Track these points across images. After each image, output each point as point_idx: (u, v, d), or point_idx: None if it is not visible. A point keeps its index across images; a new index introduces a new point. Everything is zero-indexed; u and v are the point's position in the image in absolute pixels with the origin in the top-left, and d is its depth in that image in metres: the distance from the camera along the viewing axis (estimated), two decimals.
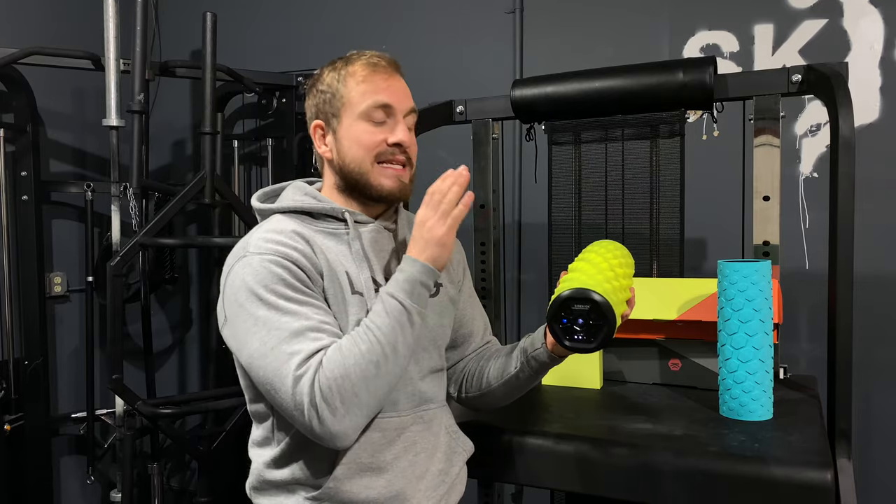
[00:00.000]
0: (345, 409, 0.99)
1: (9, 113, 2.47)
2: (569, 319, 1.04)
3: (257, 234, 1.10)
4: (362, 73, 1.15)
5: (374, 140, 1.13)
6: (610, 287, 1.06)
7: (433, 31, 2.53)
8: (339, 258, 1.12)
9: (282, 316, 1.02)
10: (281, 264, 1.05)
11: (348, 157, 1.15)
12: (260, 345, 1.01)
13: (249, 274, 1.05)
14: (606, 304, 1.02)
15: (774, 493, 1.10)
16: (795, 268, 2.04)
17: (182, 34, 2.88)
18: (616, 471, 1.22)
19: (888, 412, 2.01)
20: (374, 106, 1.13)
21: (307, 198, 1.17)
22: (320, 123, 1.18)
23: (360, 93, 1.14)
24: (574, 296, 1.03)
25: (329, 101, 1.16)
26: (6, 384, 2.41)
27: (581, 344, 1.06)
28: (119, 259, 2.15)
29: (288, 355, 0.99)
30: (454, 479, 1.20)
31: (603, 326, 1.03)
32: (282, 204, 1.18)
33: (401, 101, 1.16)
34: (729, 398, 1.34)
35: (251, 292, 1.03)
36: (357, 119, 1.14)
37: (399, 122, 1.15)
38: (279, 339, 1.00)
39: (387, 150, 1.14)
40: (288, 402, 0.99)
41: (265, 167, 2.80)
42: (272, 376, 1.00)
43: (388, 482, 1.09)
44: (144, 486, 2.73)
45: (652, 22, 2.22)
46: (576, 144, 1.78)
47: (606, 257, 1.17)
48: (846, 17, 2.01)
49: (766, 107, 1.58)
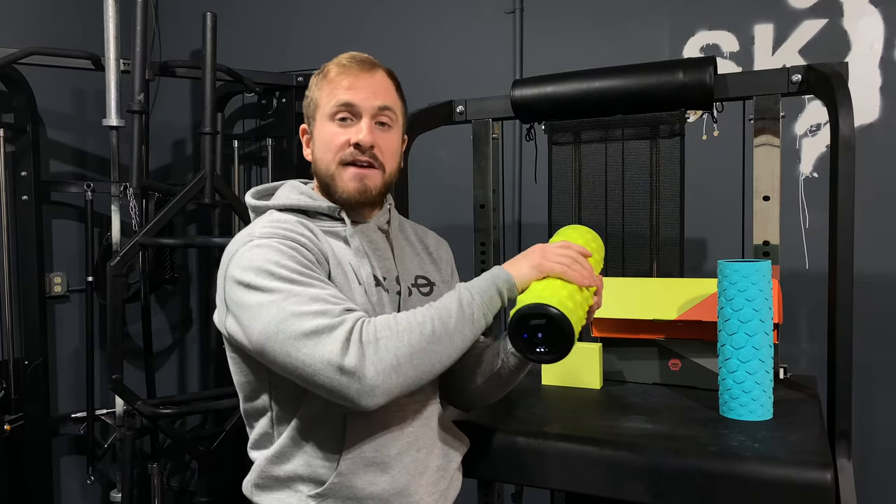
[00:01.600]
0: (381, 365, 0.95)
1: (9, 113, 2.47)
2: (529, 334, 1.04)
3: (262, 223, 1.10)
4: (331, 75, 1.15)
5: (336, 141, 1.13)
6: (566, 293, 1.05)
7: (433, 31, 2.53)
8: (341, 252, 1.12)
9: (298, 286, 0.99)
10: (290, 246, 1.04)
11: (318, 159, 1.17)
12: (277, 312, 0.97)
13: (258, 255, 1.02)
14: (561, 316, 1.01)
15: (774, 493, 1.10)
16: (795, 268, 2.04)
17: (182, 34, 2.88)
18: (616, 471, 1.22)
19: (888, 412, 2.01)
20: (336, 105, 1.13)
21: (303, 196, 1.17)
22: (304, 128, 1.21)
23: (325, 94, 1.15)
24: (529, 312, 1.03)
25: (308, 106, 1.19)
26: (6, 384, 2.41)
27: (545, 356, 1.06)
28: (119, 259, 2.15)
29: (312, 314, 0.95)
30: (452, 475, 1.20)
31: (562, 338, 1.03)
32: (278, 201, 1.18)
33: (365, 98, 1.13)
34: (729, 398, 1.34)
35: (261, 270, 1.00)
36: (325, 121, 1.15)
37: (363, 122, 1.13)
38: (299, 303, 0.97)
39: (349, 152, 1.13)
40: (320, 352, 0.94)
41: (265, 167, 2.80)
42: (294, 340, 0.95)
43: (393, 478, 1.09)
44: (144, 486, 2.73)
45: (652, 22, 2.22)
46: (576, 144, 1.78)
47: None
48: (846, 17, 2.01)
49: (766, 107, 1.58)
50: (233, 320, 1.05)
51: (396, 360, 0.96)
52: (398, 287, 1.17)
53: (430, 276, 1.25)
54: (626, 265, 1.74)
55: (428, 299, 1.21)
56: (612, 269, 1.73)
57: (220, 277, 1.10)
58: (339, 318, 0.96)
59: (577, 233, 1.25)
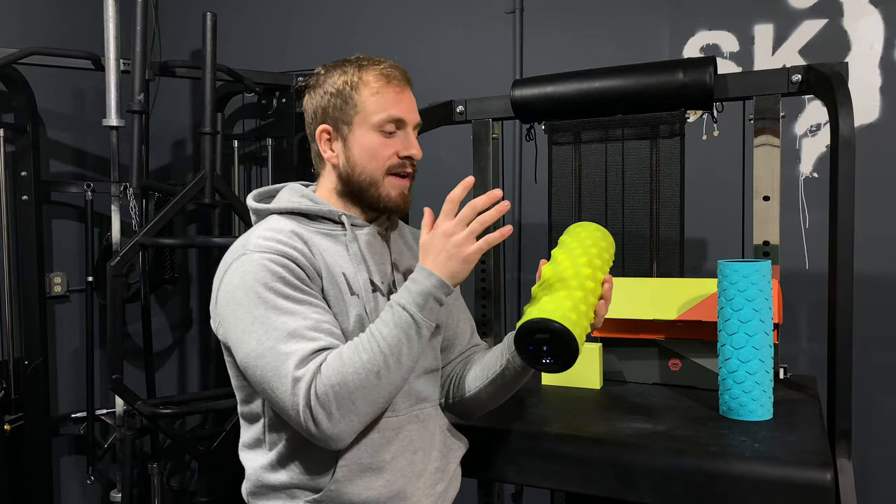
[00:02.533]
0: (340, 415, 0.99)
1: (9, 113, 2.47)
2: (534, 346, 1.07)
3: (256, 233, 1.11)
4: (377, 83, 1.15)
5: (386, 152, 1.15)
6: (570, 304, 1.07)
7: (433, 31, 2.53)
8: (336, 259, 1.12)
9: (280, 315, 1.02)
10: (280, 262, 1.05)
11: (359, 166, 1.16)
12: (257, 344, 1.01)
13: (249, 272, 1.05)
14: (565, 330, 1.03)
15: (774, 493, 1.10)
16: (795, 268, 2.04)
17: (182, 34, 2.88)
18: (616, 471, 1.22)
19: (888, 412, 2.01)
20: (388, 119, 1.14)
21: (304, 199, 1.18)
22: (328, 129, 1.17)
23: (374, 104, 1.14)
24: (534, 327, 1.05)
25: (340, 108, 1.15)
26: (6, 384, 2.41)
27: (551, 367, 1.08)
28: (119, 259, 2.15)
29: (285, 355, 0.99)
30: (451, 477, 1.20)
31: (566, 351, 1.05)
32: (279, 205, 1.18)
33: (412, 114, 1.18)
34: (729, 398, 1.34)
35: (249, 290, 1.04)
36: (369, 129, 1.15)
37: (409, 135, 1.17)
38: (277, 338, 1.00)
39: (398, 163, 1.16)
40: (286, 401, 0.99)
41: (265, 167, 2.80)
42: (270, 375, 1.00)
43: (388, 482, 1.09)
44: (144, 486, 2.73)
45: (652, 22, 2.22)
46: (576, 144, 1.78)
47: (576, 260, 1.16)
48: (846, 17, 2.01)
49: (766, 107, 1.58)
50: (224, 331, 1.08)
51: (353, 405, 0.99)
52: (395, 291, 1.17)
53: None
54: (626, 265, 1.74)
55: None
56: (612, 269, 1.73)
57: (215, 285, 1.12)
58: (304, 370, 0.99)
59: (585, 231, 1.25)
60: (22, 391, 2.44)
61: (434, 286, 1.04)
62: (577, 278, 1.12)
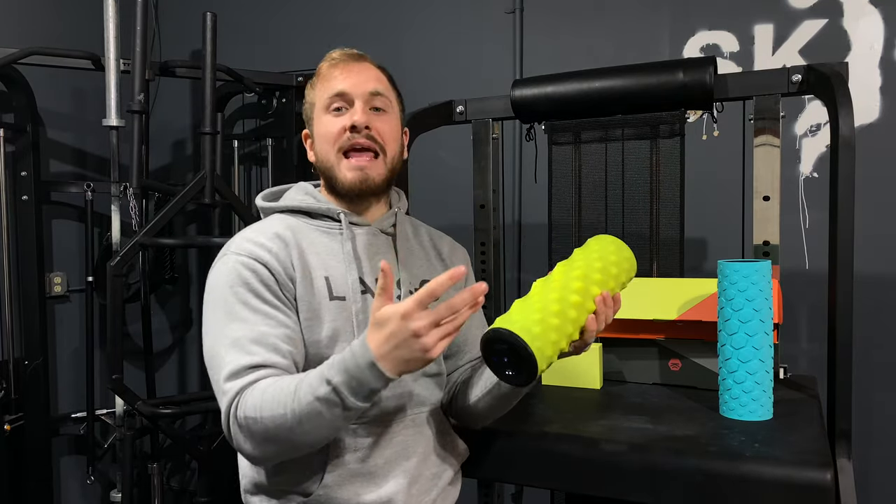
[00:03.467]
0: (256, 444, 0.98)
1: (9, 113, 2.47)
2: (497, 358, 1.04)
3: (242, 233, 1.13)
4: (323, 71, 1.18)
5: (333, 129, 1.14)
6: (537, 318, 1.02)
7: (433, 31, 2.53)
8: (326, 260, 1.12)
9: (232, 321, 1.03)
10: (250, 266, 1.06)
11: (320, 154, 1.18)
12: (210, 345, 1.05)
13: (222, 273, 1.07)
14: (521, 344, 0.99)
15: (774, 493, 1.10)
16: (795, 268, 2.04)
17: (182, 34, 2.88)
18: (616, 471, 1.22)
19: (888, 412, 2.01)
20: (329, 97, 1.15)
21: (307, 197, 1.19)
22: (306, 132, 1.23)
23: (320, 90, 1.17)
24: (493, 337, 1.02)
25: (306, 109, 1.21)
26: (6, 384, 2.41)
27: (513, 379, 1.04)
28: (119, 259, 2.15)
29: (223, 364, 1.01)
30: (448, 483, 1.19)
31: (524, 365, 1.00)
32: (283, 203, 1.20)
33: (357, 85, 1.15)
34: (729, 398, 1.34)
35: (219, 291, 1.06)
36: (321, 115, 1.16)
37: (356, 105, 1.15)
38: (222, 343, 1.03)
39: (346, 137, 1.13)
40: (220, 407, 1.02)
41: (265, 167, 2.80)
42: (214, 378, 1.03)
43: (379, 488, 1.08)
44: (144, 486, 2.73)
45: (652, 22, 2.22)
46: (576, 144, 1.78)
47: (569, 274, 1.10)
48: (846, 17, 2.01)
49: (766, 107, 1.58)
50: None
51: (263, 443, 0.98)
52: (398, 291, 1.15)
53: None
54: None
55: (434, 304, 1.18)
56: None
57: None
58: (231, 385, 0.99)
59: (598, 244, 1.19)
60: (22, 391, 2.44)
61: (375, 379, 0.93)
62: (561, 291, 1.07)
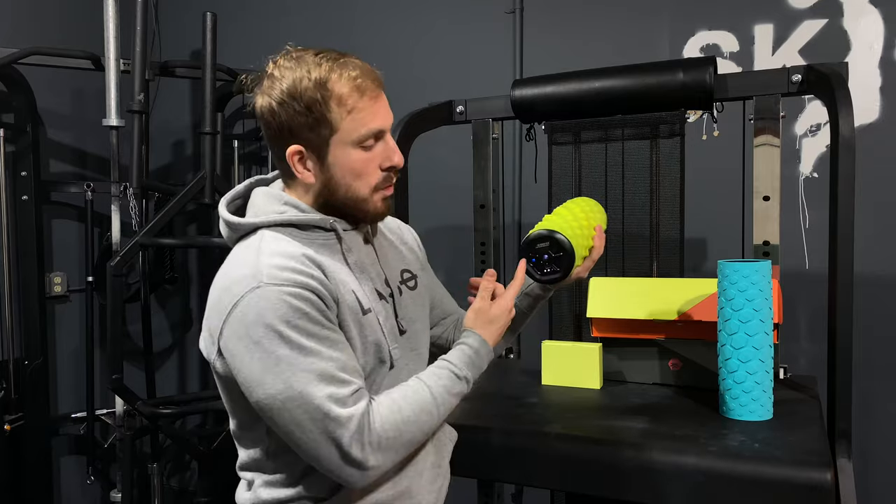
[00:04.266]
0: (382, 461, 1.01)
1: (9, 113, 2.48)
2: (536, 258, 1.23)
3: (267, 261, 1.00)
4: (350, 99, 1.03)
5: (370, 168, 1.07)
6: (566, 224, 1.25)
7: (433, 31, 2.53)
8: (342, 277, 1.07)
9: (307, 356, 0.97)
10: (302, 297, 0.98)
11: (342, 186, 1.07)
12: (284, 386, 0.96)
13: (267, 308, 0.96)
14: (563, 238, 1.21)
15: (774, 493, 1.10)
16: (795, 268, 2.04)
17: (182, 34, 2.88)
18: (616, 471, 1.22)
19: (888, 412, 2.01)
20: (368, 135, 1.05)
21: (289, 208, 1.09)
22: (300, 149, 1.05)
23: (352, 121, 1.04)
24: (536, 237, 1.23)
25: (312, 127, 1.04)
26: (6, 384, 2.41)
27: (550, 275, 1.24)
28: (119, 259, 2.15)
29: (320, 399, 0.96)
30: (445, 470, 1.20)
31: (563, 257, 1.21)
32: (264, 218, 1.08)
33: (388, 119, 1.08)
34: (729, 398, 1.34)
35: (270, 328, 0.96)
36: (349, 147, 1.05)
37: (389, 142, 1.09)
38: (307, 381, 0.96)
39: (384, 177, 1.09)
40: (320, 446, 0.97)
41: (265, 167, 2.80)
42: (302, 419, 0.96)
43: (394, 482, 1.09)
44: (144, 486, 2.73)
45: (652, 22, 2.22)
46: (576, 144, 1.78)
47: (571, 208, 1.36)
48: (846, 17, 2.01)
49: (766, 107, 1.58)
50: (224, 365, 1.02)
51: (396, 455, 1.04)
52: (389, 290, 1.15)
53: (411, 267, 1.24)
54: (626, 265, 1.74)
55: (416, 294, 1.21)
56: (612, 269, 1.73)
57: (216, 313, 1.02)
58: (349, 412, 0.97)
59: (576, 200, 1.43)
60: (22, 391, 2.44)
61: (490, 359, 1.16)
62: (571, 212, 1.32)
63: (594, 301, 1.59)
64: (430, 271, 1.33)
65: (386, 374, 1.10)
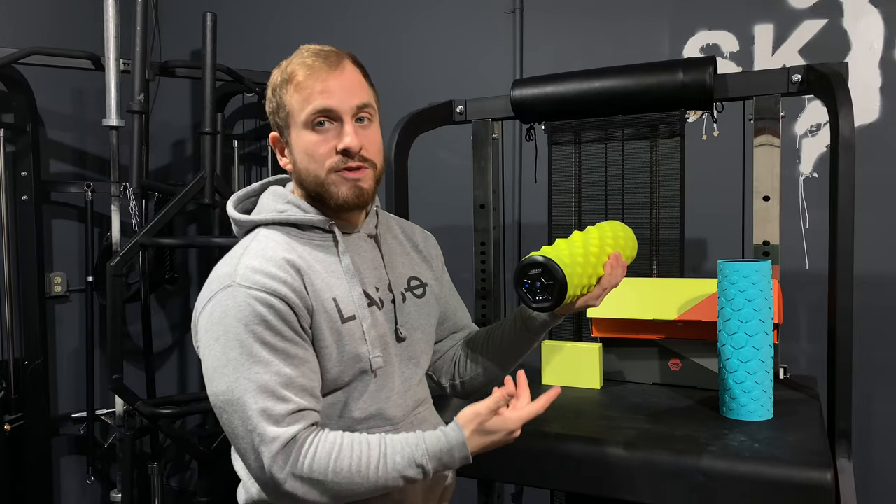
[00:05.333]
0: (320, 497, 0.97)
1: (9, 113, 2.48)
2: (529, 283, 1.18)
3: (246, 261, 1.02)
4: (298, 77, 1.05)
5: (320, 151, 1.06)
6: (567, 253, 1.19)
7: (433, 31, 2.53)
8: (329, 280, 1.06)
9: (254, 364, 0.97)
10: (266, 302, 0.98)
11: (303, 169, 1.08)
12: (226, 388, 0.97)
13: (231, 308, 0.98)
14: (553, 264, 1.15)
15: (774, 493, 1.10)
16: (795, 268, 2.04)
17: (182, 34, 2.88)
18: (616, 471, 1.22)
19: (888, 412, 2.01)
20: (312, 113, 1.04)
21: (291, 207, 1.10)
22: (275, 136, 1.12)
23: (298, 101, 1.05)
24: (529, 263, 1.18)
25: (277, 112, 1.09)
26: (6, 384, 2.41)
27: (542, 303, 1.17)
28: (119, 259, 2.15)
29: (254, 411, 0.95)
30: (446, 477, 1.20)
31: (555, 285, 1.15)
32: (265, 216, 1.10)
33: (343, 100, 1.05)
34: (729, 398, 1.34)
35: (229, 328, 0.98)
36: (302, 129, 1.06)
37: (346, 125, 1.05)
38: (246, 389, 0.96)
39: (337, 160, 1.06)
40: (248, 456, 0.97)
41: (265, 167, 2.80)
42: (237, 424, 0.97)
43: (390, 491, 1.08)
44: (144, 486, 2.73)
45: (652, 22, 2.22)
46: (576, 144, 1.78)
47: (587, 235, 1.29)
48: (846, 17, 2.01)
49: (766, 107, 1.58)
50: (202, 360, 1.03)
51: (319, 496, 0.97)
52: (391, 295, 1.14)
53: (421, 276, 1.22)
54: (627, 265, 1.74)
55: (422, 302, 1.19)
56: None
57: (197, 306, 1.05)
58: (276, 432, 0.95)
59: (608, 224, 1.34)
60: (22, 391, 2.44)
61: (462, 463, 1.03)
62: (581, 240, 1.25)
63: None
64: (446, 282, 1.32)
65: (371, 381, 1.08)
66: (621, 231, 1.33)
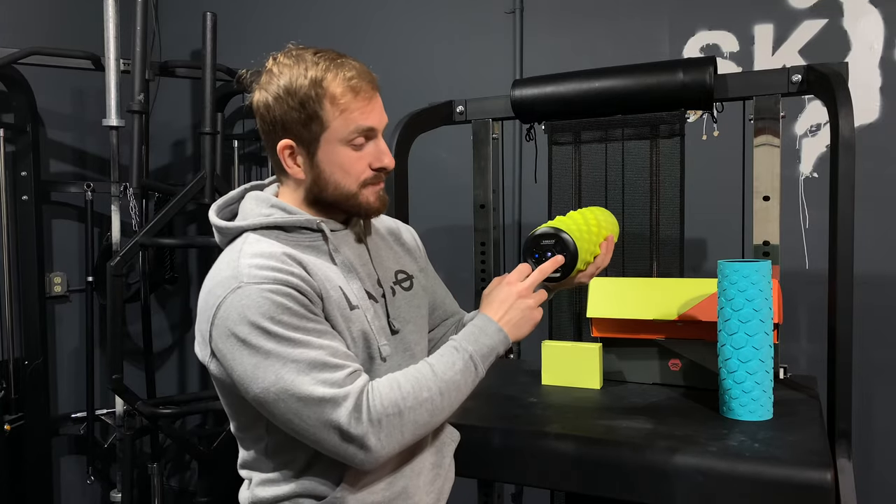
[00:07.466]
0: (387, 441, 0.99)
1: (9, 113, 2.48)
2: (539, 254, 1.22)
3: (245, 261, 1.02)
4: (343, 98, 1.06)
5: (359, 167, 1.09)
6: (574, 226, 1.25)
7: (433, 31, 2.53)
8: (328, 274, 1.08)
9: (295, 347, 0.97)
10: (282, 292, 0.99)
11: (331, 182, 1.09)
12: (276, 378, 0.97)
13: (249, 306, 0.98)
14: (569, 238, 1.20)
15: (774, 494, 1.10)
16: (795, 268, 2.04)
17: (182, 34, 2.88)
18: (616, 471, 1.22)
19: (888, 412, 2.01)
20: (357, 133, 1.07)
21: (276, 210, 1.10)
22: (290, 144, 1.08)
23: (343, 120, 1.06)
24: (542, 234, 1.22)
25: (303, 123, 1.06)
26: (6, 384, 2.41)
27: (552, 275, 1.21)
28: (119, 259, 2.15)
29: (313, 385, 0.96)
30: (447, 471, 1.20)
31: (566, 257, 1.20)
32: (251, 221, 1.09)
33: (381, 121, 1.11)
34: (729, 398, 1.34)
35: (255, 325, 0.97)
36: (339, 145, 1.07)
37: (380, 143, 1.11)
38: (298, 370, 0.96)
39: (372, 175, 1.10)
40: (318, 429, 0.97)
41: (265, 167, 2.80)
42: (298, 407, 0.96)
43: (389, 483, 1.09)
44: (144, 486, 2.73)
45: (652, 22, 2.22)
46: (576, 144, 1.78)
47: (585, 213, 1.36)
48: (846, 17, 2.01)
49: (766, 107, 1.58)
50: (219, 366, 1.02)
51: (402, 436, 1.01)
52: (381, 290, 1.15)
53: (407, 268, 1.24)
54: (626, 265, 1.74)
55: (410, 294, 1.20)
56: (612, 269, 1.73)
57: (203, 316, 1.03)
58: (344, 391, 0.97)
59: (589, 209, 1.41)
60: (22, 391, 2.44)
61: (501, 343, 1.09)
62: (584, 217, 1.31)
63: (594, 301, 1.59)
64: (431, 273, 1.33)
65: (378, 370, 1.10)
66: (610, 217, 1.43)
